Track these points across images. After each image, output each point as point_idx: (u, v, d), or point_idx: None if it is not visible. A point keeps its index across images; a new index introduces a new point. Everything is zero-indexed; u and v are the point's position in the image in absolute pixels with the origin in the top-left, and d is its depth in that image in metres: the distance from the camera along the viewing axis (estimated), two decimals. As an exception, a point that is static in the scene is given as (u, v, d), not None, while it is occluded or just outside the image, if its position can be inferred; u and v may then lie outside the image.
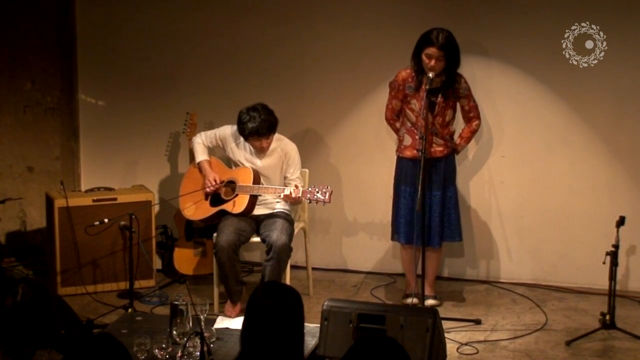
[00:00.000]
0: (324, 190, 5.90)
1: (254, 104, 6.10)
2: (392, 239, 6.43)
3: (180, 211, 6.44)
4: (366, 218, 6.97)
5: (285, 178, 6.23)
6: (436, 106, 6.11)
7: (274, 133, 6.15)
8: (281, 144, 6.23)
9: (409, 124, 6.21)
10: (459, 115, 6.33)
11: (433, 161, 6.12)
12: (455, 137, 6.32)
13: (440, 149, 6.20)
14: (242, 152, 6.24)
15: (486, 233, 6.81)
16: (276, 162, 6.22)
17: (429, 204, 6.13)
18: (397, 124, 6.29)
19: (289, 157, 6.22)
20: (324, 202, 5.91)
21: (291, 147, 6.25)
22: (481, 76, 6.62)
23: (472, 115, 6.28)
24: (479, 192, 6.78)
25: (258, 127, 6.02)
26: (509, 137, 6.71)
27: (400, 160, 6.28)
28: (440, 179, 6.21)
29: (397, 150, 6.33)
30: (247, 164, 6.22)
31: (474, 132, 6.33)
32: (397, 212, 6.29)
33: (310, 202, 6.03)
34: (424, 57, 6.01)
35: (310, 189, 5.94)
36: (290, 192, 5.94)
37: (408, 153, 6.22)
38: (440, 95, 6.11)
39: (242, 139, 6.18)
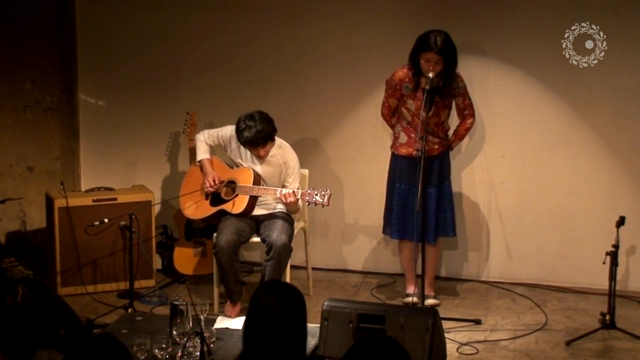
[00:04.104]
0: (322, 193, 5.88)
1: (252, 111, 6.04)
2: (384, 232, 6.47)
3: (180, 211, 6.44)
4: (366, 218, 6.97)
5: (283, 186, 6.18)
6: (433, 106, 6.12)
7: (271, 142, 6.10)
8: (281, 152, 6.19)
9: (404, 123, 6.22)
10: (453, 112, 6.34)
11: (429, 159, 6.12)
12: (450, 134, 6.34)
13: (436, 146, 6.22)
14: (242, 156, 6.22)
15: (486, 233, 6.81)
16: (275, 170, 6.19)
17: (425, 201, 6.14)
18: (393, 120, 6.32)
19: (288, 167, 6.17)
20: (323, 205, 5.89)
21: (291, 157, 6.20)
22: (480, 76, 6.62)
23: (467, 113, 6.29)
24: (479, 191, 6.78)
25: (253, 137, 5.99)
26: (509, 137, 6.71)
27: (395, 157, 6.29)
28: (436, 176, 6.23)
29: (392, 147, 6.34)
30: (248, 168, 6.22)
31: (468, 130, 6.36)
32: (390, 208, 6.32)
33: (309, 204, 6.02)
34: (422, 62, 6.02)
35: (309, 191, 5.93)
36: (287, 193, 5.91)
37: (403, 151, 6.23)
38: (437, 95, 6.11)
39: (242, 143, 6.18)
